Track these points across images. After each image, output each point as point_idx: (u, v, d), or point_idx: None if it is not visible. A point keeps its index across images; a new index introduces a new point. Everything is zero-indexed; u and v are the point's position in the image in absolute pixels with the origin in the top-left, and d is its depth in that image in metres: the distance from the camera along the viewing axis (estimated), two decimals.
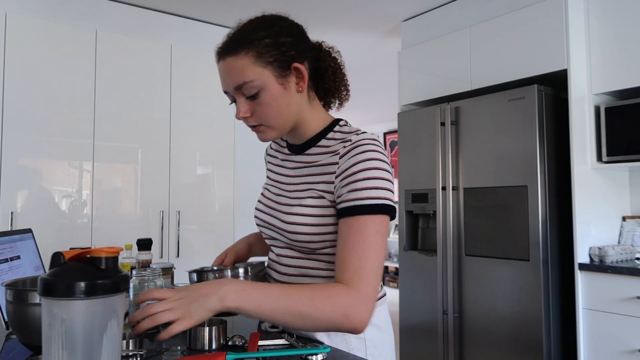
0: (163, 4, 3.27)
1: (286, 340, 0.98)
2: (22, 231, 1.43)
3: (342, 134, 1.03)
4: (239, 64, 0.96)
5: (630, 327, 2.27)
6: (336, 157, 0.98)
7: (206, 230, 3.33)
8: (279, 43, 0.97)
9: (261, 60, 0.96)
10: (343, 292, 0.87)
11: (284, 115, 1.00)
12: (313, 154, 1.05)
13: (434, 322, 2.95)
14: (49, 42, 2.83)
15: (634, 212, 2.80)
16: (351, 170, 0.94)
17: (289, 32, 1.00)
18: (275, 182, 1.13)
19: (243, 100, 0.99)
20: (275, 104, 0.98)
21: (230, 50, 0.98)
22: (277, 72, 0.97)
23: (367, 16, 3.49)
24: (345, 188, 0.94)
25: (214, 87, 3.43)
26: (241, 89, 0.97)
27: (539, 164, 2.50)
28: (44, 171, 2.78)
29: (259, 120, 1.00)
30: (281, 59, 0.97)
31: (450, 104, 2.93)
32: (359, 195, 0.92)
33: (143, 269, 1.36)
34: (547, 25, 2.62)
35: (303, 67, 0.99)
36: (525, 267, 2.51)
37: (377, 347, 1.03)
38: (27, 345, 0.96)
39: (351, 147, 0.96)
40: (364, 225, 0.91)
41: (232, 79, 0.97)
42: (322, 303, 0.86)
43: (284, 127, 1.02)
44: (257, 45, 0.96)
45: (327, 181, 0.98)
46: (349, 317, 0.86)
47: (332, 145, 1.02)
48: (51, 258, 0.72)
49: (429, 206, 3.03)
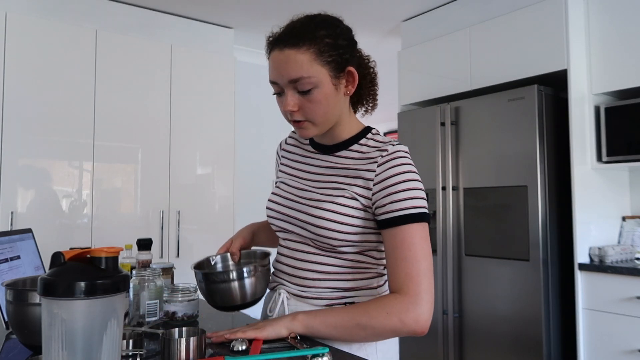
0: (163, 4, 3.27)
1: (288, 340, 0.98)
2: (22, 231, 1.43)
3: (377, 142, 1.06)
4: (300, 59, 0.96)
5: (630, 327, 2.27)
6: (374, 164, 1.01)
7: (206, 230, 3.33)
8: (338, 45, 0.99)
9: (321, 59, 0.97)
10: (394, 299, 0.94)
11: (329, 114, 1.02)
12: (345, 157, 1.08)
13: (434, 322, 2.95)
14: (49, 42, 2.83)
15: (634, 212, 2.80)
16: (392, 180, 0.99)
17: (346, 36, 1.03)
18: (295, 178, 1.15)
19: (293, 94, 1.00)
20: (325, 103, 1.00)
21: (291, 42, 0.97)
22: (333, 73, 0.99)
23: (367, 16, 3.49)
24: (386, 198, 0.98)
25: (214, 87, 3.45)
26: (296, 83, 0.98)
27: (539, 164, 2.50)
28: (44, 171, 2.78)
29: (305, 116, 1.01)
30: (338, 60, 0.99)
31: (450, 104, 2.93)
32: (402, 205, 0.97)
33: (143, 268, 1.36)
34: (547, 25, 2.62)
35: (356, 72, 1.03)
36: (525, 267, 2.51)
37: (383, 352, 1.07)
38: (27, 345, 0.96)
39: (389, 157, 1.00)
40: (409, 235, 0.96)
41: (289, 71, 0.97)
42: (376, 312, 0.93)
43: (326, 126, 1.05)
44: (318, 43, 0.97)
45: (364, 186, 1.01)
46: (403, 321, 0.92)
47: (365, 151, 1.05)
48: (51, 258, 0.72)
49: (429, 206, 3.02)
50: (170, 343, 0.88)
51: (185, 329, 0.96)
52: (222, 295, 1.09)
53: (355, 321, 0.93)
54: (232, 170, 3.50)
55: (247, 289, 1.09)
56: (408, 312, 0.92)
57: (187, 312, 1.24)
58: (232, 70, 3.51)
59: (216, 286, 1.09)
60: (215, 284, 1.09)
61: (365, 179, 1.02)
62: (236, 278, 1.09)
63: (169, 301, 1.24)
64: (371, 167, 1.02)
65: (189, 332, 0.95)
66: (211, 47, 3.56)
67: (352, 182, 1.04)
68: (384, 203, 0.98)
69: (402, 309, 0.92)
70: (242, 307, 1.11)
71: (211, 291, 1.10)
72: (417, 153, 3.11)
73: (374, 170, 1.01)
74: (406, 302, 0.92)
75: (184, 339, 0.89)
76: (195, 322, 1.24)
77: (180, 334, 0.95)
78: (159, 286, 1.28)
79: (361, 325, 0.93)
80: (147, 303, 1.25)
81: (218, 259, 1.25)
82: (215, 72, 3.44)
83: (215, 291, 1.09)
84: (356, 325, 0.93)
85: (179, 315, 1.23)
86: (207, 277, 1.10)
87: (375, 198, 1.00)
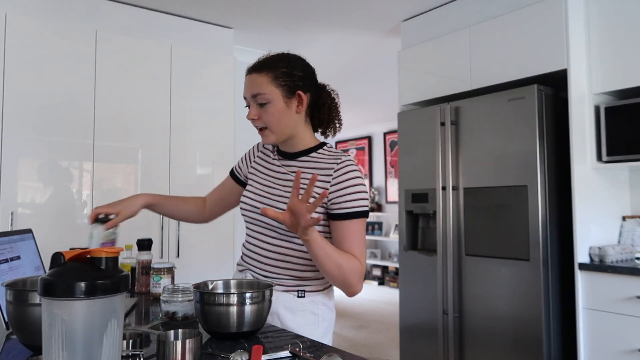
0: (163, 4, 3.27)
1: (290, 352, 0.97)
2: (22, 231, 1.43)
3: (331, 153, 1.35)
4: (260, 80, 1.30)
5: (630, 327, 2.27)
6: (330, 170, 1.29)
7: (206, 230, 3.33)
8: (292, 74, 1.31)
9: (276, 82, 1.29)
10: (359, 266, 1.25)
11: (282, 125, 1.32)
12: (305, 161, 1.36)
13: (434, 322, 2.96)
14: (49, 42, 2.83)
15: (634, 212, 2.80)
16: (346, 183, 1.27)
17: (301, 69, 1.33)
18: (266, 177, 1.41)
19: (255, 106, 1.32)
20: (278, 115, 1.30)
21: (256, 69, 1.32)
22: (285, 94, 1.30)
23: (367, 16, 3.49)
24: (341, 198, 1.27)
25: (213, 87, 3.45)
26: (256, 97, 1.30)
27: (538, 164, 2.50)
28: (44, 171, 2.78)
29: (264, 124, 1.32)
30: (290, 85, 1.30)
31: (450, 104, 2.93)
32: (354, 204, 1.27)
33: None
34: (547, 25, 2.62)
35: (305, 96, 1.33)
36: (525, 267, 2.52)
37: (327, 321, 1.36)
38: (28, 345, 0.96)
39: (343, 164, 1.29)
40: (360, 226, 1.29)
41: (252, 88, 1.31)
42: (350, 268, 1.22)
43: (282, 135, 1.34)
44: (275, 71, 1.30)
45: (323, 187, 1.28)
46: (355, 285, 1.24)
47: (322, 159, 1.34)
48: (51, 258, 0.72)
49: (429, 206, 3.03)
50: (166, 345, 0.88)
51: (182, 331, 0.95)
52: (219, 319, 1.06)
53: (338, 262, 1.20)
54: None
55: (246, 316, 1.07)
56: (359, 283, 1.25)
57: (187, 312, 1.24)
58: (232, 70, 3.51)
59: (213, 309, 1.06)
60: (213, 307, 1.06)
61: (324, 181, 1.29)
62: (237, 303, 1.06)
63: (168, 301, 1.24)
64: (328, 172, 1.29)
65: (184, 334, 0.95)
66: (211, 47, 3.56)
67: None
68: (340, 201, 1.27)
69: (359, 277, 1.25)
70: (238, 335, 1.08)
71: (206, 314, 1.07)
72: (417, 153, 3.11)
73: (331, 175, 1.28)
74: (361, 274, 1.25)
75: (180, 341, 0.89)
76: (195, 322, 1.24)
77: (176, 336, 0.95)
78: (94, 235, 1.35)
79: (339, 267, 1.20)
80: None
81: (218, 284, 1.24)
82: (215, 72, 3.44)
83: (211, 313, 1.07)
84: (338, 266, 1.20)
85: (179, 315, 1.24)
86: (202, 297, 1.07)
87: (331, 196, 1.28)
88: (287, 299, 1.31)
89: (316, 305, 1.33)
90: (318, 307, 1.33)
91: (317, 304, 1.33)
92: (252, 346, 0.97)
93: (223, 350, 0.99)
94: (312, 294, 1.33)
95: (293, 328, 1.29)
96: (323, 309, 1.35)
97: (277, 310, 1.31)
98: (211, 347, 1.02)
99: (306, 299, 1.32)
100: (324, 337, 1.35)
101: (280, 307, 1.31)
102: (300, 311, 1.31)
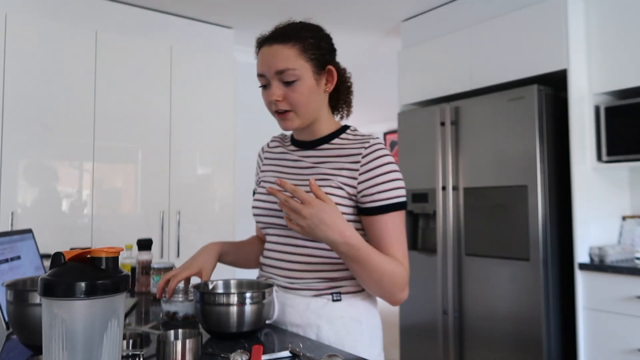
0: (163, 4, 3.27)
1: (290, 352, 0.96)
2: (22, 231, 1.43)
3: (357, 136, 1.17)
4: (286, 52, 1.08)
5: (630, 326, 2.27)
6: (358, 156, 1.11)
7: (206, 231, 3.33)
8: (320, 46, 1.13)
9: (305, 55, 1.10)
10: (403, 271, 1.07)
11: (310, 107, 1.12)
12: (327, 149, 1.17)
13: (434, 322, 2.96)
14: (49, 42, 2.83)
15: (634, 212, 2.80)
16: (377, 171, 1.09)
17: (327, 40, 1.16)
18: (280, 174, 1.22)
19: (279, 85, 1.10)
20: (308, 94, 1.11)
21: (279, 39, 1.10)
22: (315, 69, 1.11)
23: (367, 16, 3.49)
24: (373, 188, 1.08)
25: (214, 87, 3.45)
26: (281, 74, 1.09)
27: (538, 164, 2.50)
28: (44, 171, 2.78)
29: (289, 106, 1.11)
30: (320, 59, 1.12)
31: (450, 103, 2.93)
32: (390, 194, 1.08)
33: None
34: (547, 25, 2.62)
35: (335, 70, 1.15)
36: (525, 267, 2.52)
37: (371, 329, 1.16)
38: (28, 345, 0.96)
39: (372, 149, 1.11)
40: (399, 220, 1.10)
41: (277, 63, 1.08)
42: (391, 274, 1.05)
43: (308, 118, 1.14)
44: (303, 41, 1.10)
45: (349, 176, 1.10)
46: (398, 296, 1.07)
47: (347, 145, 1.15)
48: (51, 258, 0.72)
49: (429, 206, 3.03)
50: (166, 345, 0.88)
51: (182, 331, 0.95)
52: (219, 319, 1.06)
53: (382, 268, 1.03)
54: (232, 170, 3.50)
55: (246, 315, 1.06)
56: (404, 289, 1.08)
57: (187, 312, 1.24)
58: (231, 71, 3.51)
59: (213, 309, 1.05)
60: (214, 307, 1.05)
61: (350, 169, 1.10)
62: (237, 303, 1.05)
63: (169, 301, 1.24)
64: (355, 159, 1.11)
65: (185, 334, 0.94)
66: (211, 47, 3.56)
67: (336, 173, 1.12)
68: (372, 192, 1.08)
69: (404, 283, 1.07)
70: (238, 335, 1.08)
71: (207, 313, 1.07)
72: (417, 153, 3.11)
73: (359, 161, 1.10)
74: (406, 279, 1.07)
75: (180, 341, 0.88)
76: (195, 322, 1.24)
77: (177, 336, 0.95)
78: None
79: (381, 274, 1.03)
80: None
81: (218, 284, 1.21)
82: (215, 72, 3.44)
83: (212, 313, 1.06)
84: (380, 272, 1.03)
85: (179, 315, 1.23)
86: (203, 298, 1.07)
87: (361, 187, 1.09)
88: (319, 306, 1.11)
89: (357, 310, 1.12)
90: (359, 311, 1.12)
91: (357, 307, 1.12)
92: (252, 346, 0.97)
93: (223, 350, 0.99)
94: (350, 295, 1.13)
95: (332, 342, 1.08)
96: (365, 313, 1.14)
97: (309, 320, 1.11)
98: (211, 347, 1.02)
99: (343, 303, 1.11)
100: (369, 348, 1.12)
101: (312, 316, 1.10)
102: (338, 318, 1.10)
